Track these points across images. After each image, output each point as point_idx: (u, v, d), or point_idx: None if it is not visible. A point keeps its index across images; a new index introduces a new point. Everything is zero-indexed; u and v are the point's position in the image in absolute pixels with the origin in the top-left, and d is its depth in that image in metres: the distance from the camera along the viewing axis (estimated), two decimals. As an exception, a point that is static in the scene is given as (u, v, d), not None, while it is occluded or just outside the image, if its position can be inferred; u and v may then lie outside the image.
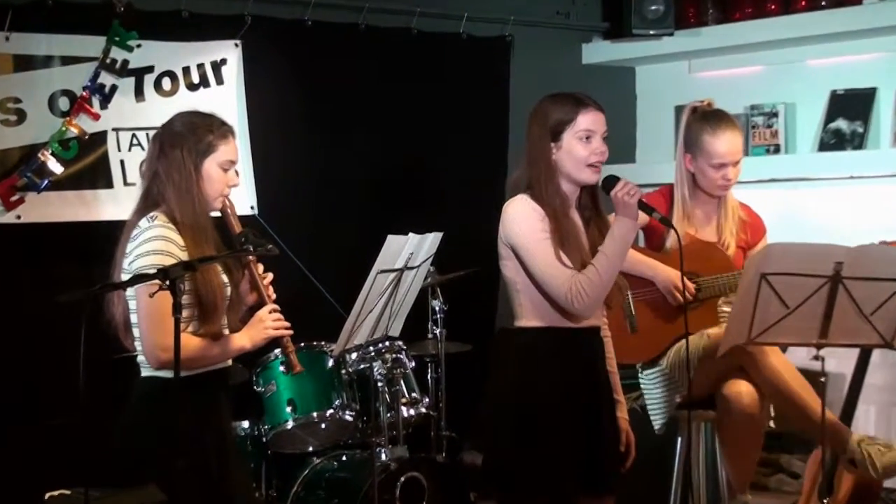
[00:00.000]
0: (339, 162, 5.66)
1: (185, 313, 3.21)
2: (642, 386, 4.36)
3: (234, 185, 3.42)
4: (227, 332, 3.38)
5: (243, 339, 3.38)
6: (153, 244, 3.23)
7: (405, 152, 5.80)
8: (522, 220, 3.42)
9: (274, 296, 3.46)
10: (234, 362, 3.51)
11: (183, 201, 3.29)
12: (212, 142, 3.34)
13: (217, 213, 3.44)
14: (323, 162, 5.62)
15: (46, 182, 4.85)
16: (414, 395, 4.79)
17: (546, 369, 3.45)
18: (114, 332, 3.37)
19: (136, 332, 3.29)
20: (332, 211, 5.64)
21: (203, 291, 3.25)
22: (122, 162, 5.03)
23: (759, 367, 4.03)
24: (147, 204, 3.34)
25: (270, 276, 3.49)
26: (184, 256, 3.22)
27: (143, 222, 3.28)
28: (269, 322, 3.39)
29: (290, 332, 3.44)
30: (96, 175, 5.00)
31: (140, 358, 3.32)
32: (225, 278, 3.37)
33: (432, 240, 4.03)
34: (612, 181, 3.42)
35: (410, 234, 3.87)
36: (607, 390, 3.59)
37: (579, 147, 3.43)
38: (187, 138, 3.32)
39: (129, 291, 3.26)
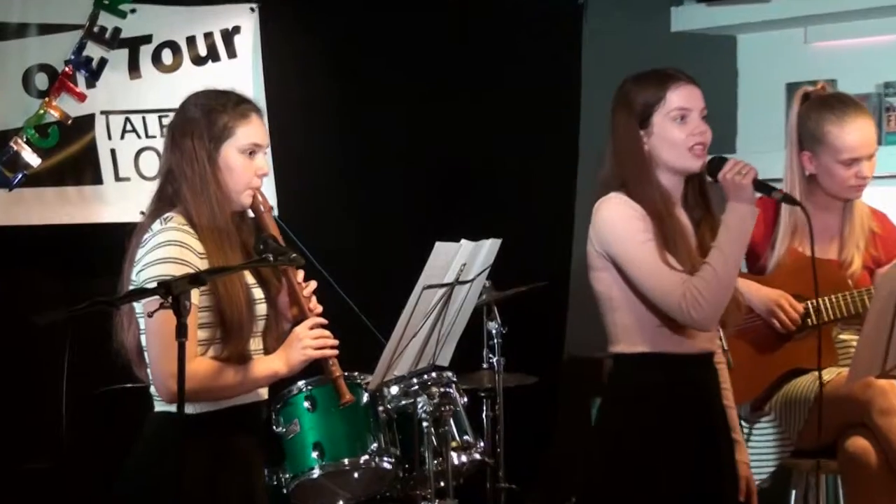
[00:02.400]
0: (376, 153, 5.67)
1: (204, 334, 3.26)
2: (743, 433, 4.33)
3: (264, 174, 3.44)
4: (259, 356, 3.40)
5: (276, 362, 3.38)
6: (165, 251, 3.24)
7: (456, 141, 5.81)
8: (619, 222, 3.46)
9: (318, 308, 3.46)
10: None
11: (199, 199, 3.32)
12: (227, 124, 3.36)
13: (248, 212, 3.46)
14: (357, 153, 5.63)
15: (20, 177, 4.87)
16: (466, 437, 4.76)
17: (649, 406, 3.49)
18: (125, 362, 3.39)
19: (147, 356, 3.30)
20: (368, 213, 5.65)
21: (226, 308, 3.26)
22: (112, 152, 5.05)
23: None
24: (161, 205, 3.37)
25: (313, 284, 3.50)
26: (203, 265, 3.24)
27: (156, 225, 3.30)
28: (308, 340, 3.38)
29: (335, 352, 3.44)
30: (82, 168, 5.02)
31: (152, 389, 3.34)
32: (258, 293, 3.39)
33: (489, 248, 4.02)
34: (718, 163, 3.49)
35: (463, 242, 3.86)
36: (724, 429, 3.61)
37: (674, 129, 3.47)
38: (198, 123, 3.35)
39: (139, 309, 3.27)
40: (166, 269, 3.20)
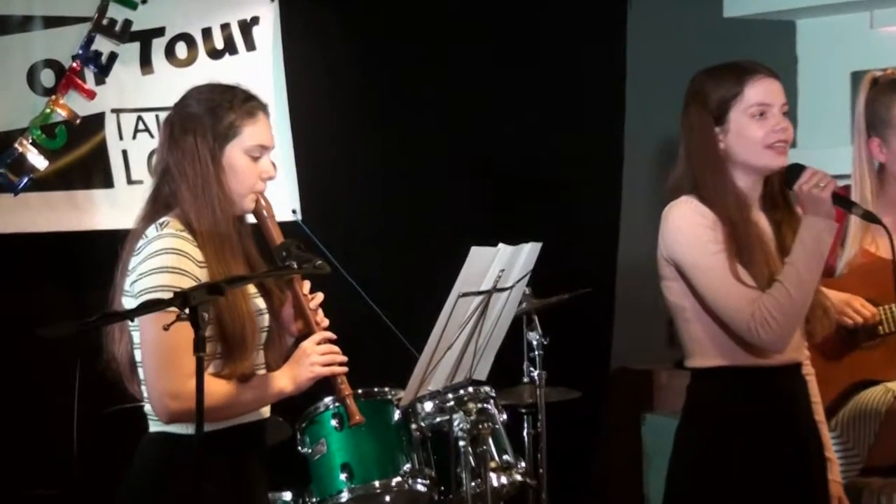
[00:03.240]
0: (407, 152, 5.66)
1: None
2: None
3: (270, 177, 3.40)
4: (262, 372, 3.36)
5: (282, 380, 3.34)
6: (161, 259, 3.20)
7: (493, 139, 5.80)
8: (686, 229, 3.46)
9: (325, 322, 3.43)
10: (273, 414, 3.49)
11: (199, 203, 3.28)
12: (233, 122, 3.33)
13: (250, 218, 3.43)
14: (386, 152, 5.62)
15: (26, 180, 4.88)
16: (506, 457, 4.73)
17: (731, 425, 3.46)
18: (115, 376, 3.36)
19: (141, 373, 3.27)
20: (398, 216, 5.64)
21: (228, 321, 3.22)
22: (124, 153, 5.06)
23: None
24: (156, 207, 3.34)
25: (320, 296, 3.47)
26: (202, 275, 3.21)
27: (151, 231, 3.27)
28: (315, 356, 3.34)
29: (345, 369, 3.41)
30: (91, 171, 5.02)
31: (147, 407, 3.31)
32: (260, 303, 3.37)
33: (528, 252, 3.99)
34: (794, 171, 3.46)
35: (500, 246, 3.84)
36: (815, 447, 3.57)
37: (752, 126, 3.46)
38: (201, 120, 3.32)
39: (133, 321, 3.24)
40: (163, 279, 3.16)
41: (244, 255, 3.36)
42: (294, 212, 5.29)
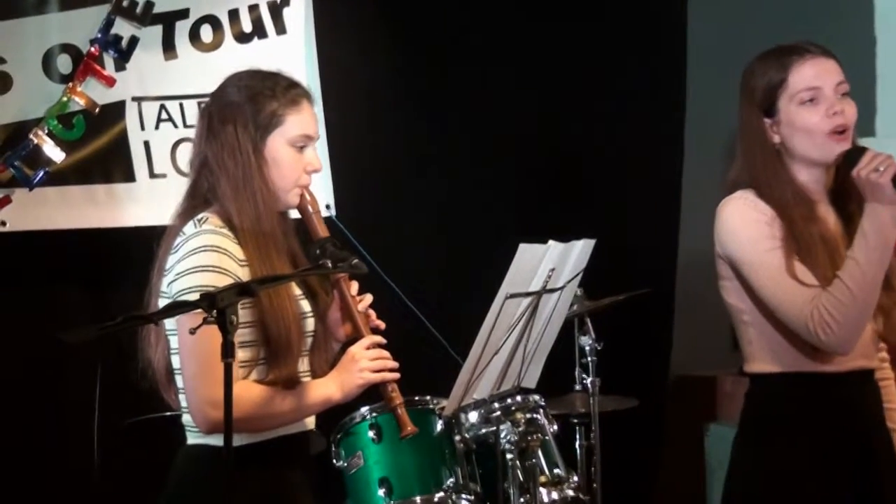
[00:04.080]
0: (448, 143, 5.67)
1: (246, 354, 3.25)
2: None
3: (315, 170, 3.43)
4: (307, 379, 3.38)
5: (330, 387, 3.36)
6: (200, 257, 3.22)
7: (541, 130, 5.80)
8: (740, 225, 3.45)
9: (380, 324, 3.46)
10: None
11: (240, 197, 3.30)
12: (276, 111, 3.35)
13: (293, 213, 3.44)
14: (425, 143, 5.63)
15: (42, 174, 4.90)
16: (557, 471, 4.72)
17: (793, 437, 3.44)
18: (151, 384, 3.38)
19: (178, 380, 3.30)
20: (440, 212, 5.66)
21: (272, 324, 3.25)
22: (146, 144, 5.08)
23: None
24: (194, 203, 3.36)
25: (369, 298, 3.48)
26: (243, 274, 3.23)
27: (189, 227, 3.28)
28: (365, 362, 3.35)
29: (396, 375, 3.42)
30: (111, 163, 5.05)
31: (185, 418, 3.33)
32: (305, 306, 3.38)
33: (581, 250, 3.98)
34: (853, 156, 3.41)
35: (551, 243, 3.81)
36: (889, 458, 3.53)
37: (803, 114, 3.44)
38: (242, 109, 3.34)
39: (170, 324, 3.27)
40: (203, 279, 3.17)
41: (289, 253, 3.39)
42: (328, 207, 5.29)
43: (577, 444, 5.11)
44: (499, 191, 5.71)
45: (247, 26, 5.23)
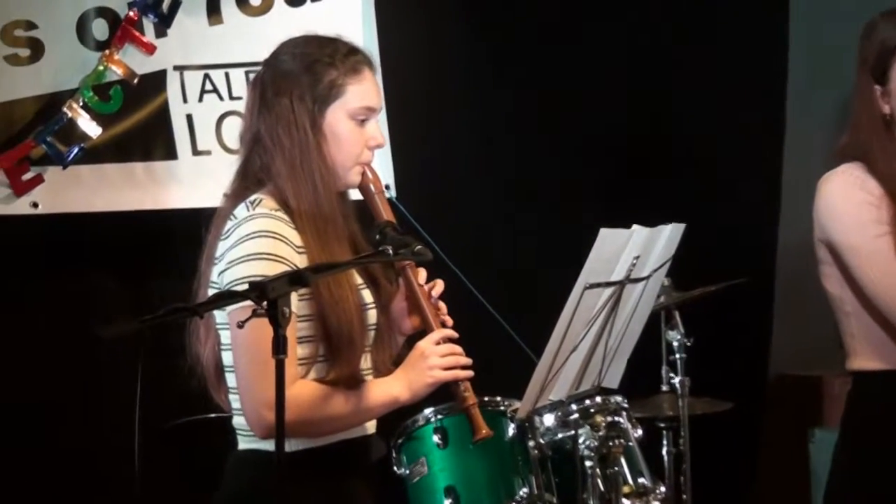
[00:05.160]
0: (523, 119, 5.67)
1: (304, 351, 3.27)
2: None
3: (378, 145, 3.45)
4: (370, 378, 3.41)
5: (396, 386, 3.39)
6: (254, 244, 3.24)
7: (625, 105, 5.80)
8: (844, 207, 3.53)
9: (448, 320, 3.47)
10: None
11: (297, 177, 3.33)
12: (335, 80, 3.37)
13: (355, 193, 3.47)
14: (492, 117, 5.63)
15: (76, 150, 4.94)
16: (642, 480, 4.70)
17: (893, 439, 3.47)
18: (200, 383, 3.41)
19: (230, 379, 3.32)
20: (512, 194, 5.66)
21: (332, 317, 3.27)
22: (188, 118, 5.12)
23: None
24: (246, 183, 3.39)
25: (440, 286, 3.50)
26: (301, 262, 3.24)
27: (240, 211, 3.31)
28: (435, 358, 3.38)
29: (469, 373, 3.43)
30: (151, 139, 5.09)
31: (237, 420, 3.36)
32: (367, 296, 3.40)
33: (669, 236, 3.96)
34: None
35: (635, 227, 3.81)
36: None
37: None
38: (299, 79, 3.37)
39: (220, 317, 3.30)
40: (257, 267, 3.19)
41: (350, 238, 3.41)
42: (387, 187, 5.28)
43: (665, 450, 5.13)
44: (576, 170, 5.71)
45: (300, -14, 5.24)
